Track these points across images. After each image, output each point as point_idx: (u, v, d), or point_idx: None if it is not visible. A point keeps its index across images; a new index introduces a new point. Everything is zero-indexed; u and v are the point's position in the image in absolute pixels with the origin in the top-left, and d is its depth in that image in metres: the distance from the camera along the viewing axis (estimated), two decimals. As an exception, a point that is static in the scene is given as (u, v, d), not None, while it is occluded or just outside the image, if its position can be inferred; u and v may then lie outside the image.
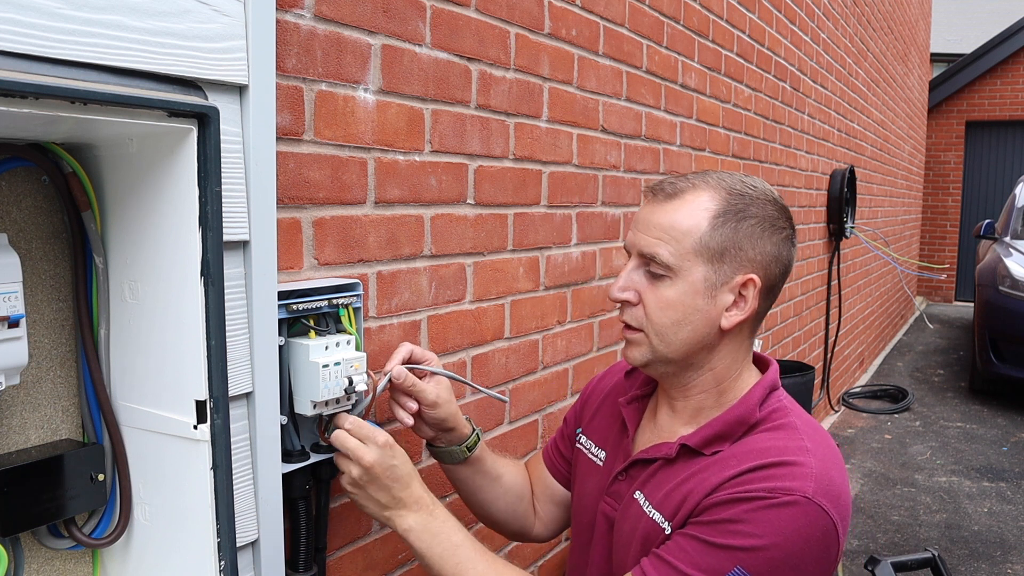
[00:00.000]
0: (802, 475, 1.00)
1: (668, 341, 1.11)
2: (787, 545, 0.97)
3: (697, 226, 1.07)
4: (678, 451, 1.12)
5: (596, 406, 1.36)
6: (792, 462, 1.02)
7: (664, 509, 1.09)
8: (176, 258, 0.98)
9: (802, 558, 0.98)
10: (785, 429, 1.09)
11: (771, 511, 0.98)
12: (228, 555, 1.01)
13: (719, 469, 1.06)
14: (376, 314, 1.41)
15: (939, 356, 7.84)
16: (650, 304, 1.10)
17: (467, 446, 1.33)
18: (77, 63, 0.84)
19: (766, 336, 3.75)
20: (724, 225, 1.08)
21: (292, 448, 1.19)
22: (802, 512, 0.98)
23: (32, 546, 1.01)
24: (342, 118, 1.32)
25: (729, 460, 1.06)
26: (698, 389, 1.16)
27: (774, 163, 3.71)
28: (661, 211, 1.10)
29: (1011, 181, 10.53)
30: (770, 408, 1.12)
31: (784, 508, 0.98)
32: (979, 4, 13.65)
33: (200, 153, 0.95)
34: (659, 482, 1.13)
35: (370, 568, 1.45)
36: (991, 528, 3.84)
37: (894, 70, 7.26)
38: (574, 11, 1.96)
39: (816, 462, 1.03)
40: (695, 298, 1.08)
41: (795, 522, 0.98)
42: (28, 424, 0.99)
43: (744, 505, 1.00)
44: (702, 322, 1.09)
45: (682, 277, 1.08)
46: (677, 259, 1.07)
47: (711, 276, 1.08)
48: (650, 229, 1.10)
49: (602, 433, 1.31)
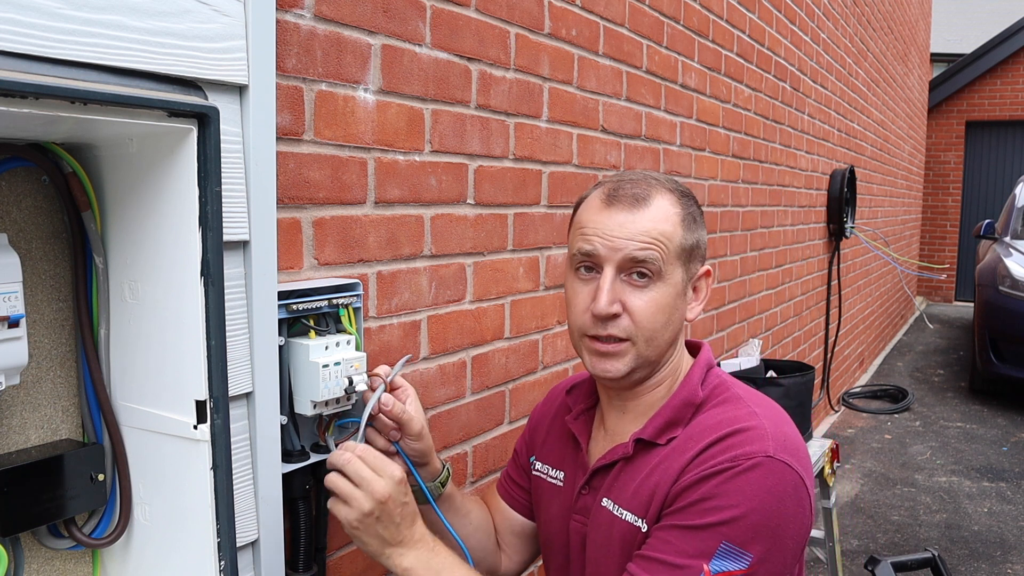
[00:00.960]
0: (758, 437, 1.04)
1: (656, 344, 1.12)
2: (763, 507, 0.99)
3: (675, 230, 1.11)
4: (634, 447, 1.14)
5: (545, 430, 1.35)
6: (745, 428, 1.05)
7: (634, 507, 1.10)
8: (176, 258, 0.98)
9: (780, 515, 1.00)
10: (730, 401, 1.12)
11: (739, 478, 1.01)
12: (228, 555, 1.01)
13: (679, 454, 1.08)
14: (376, 314, 1.41)
15: (939, 356, 7.84)
16: (638, 311, 1.09)
17: (440, 482, 1.26)
18: (77, 63, 0.84)
19: (766, 336, 3.75)
20: (690, 228, 1.13)
21: (292, 448, 1.19)
22: (768, 471, 1.01)
23: (32, 546, 1.01)
24: (342, 118, 1.32)
25: (686, 443, 1.09)
26: (655, 384, 1.18)
27: (774, 163, 3.71)
28: (641, 219, 1.09)
29: (1011, 181, 10.53)
30: (711, 386, 1.16)
31: (750, 472, 1.01)
32: (979, 4, 13.65)
33: (200, 153, 0.95)
34: (623, 483, 1.13)
35: (370, 568, 1.45)
36: (991, 528, 3.84)
37: (894, 70, 7.26)
38: (574, 11, 1.96)
39: (768, 423, 1.06)
40: (676, 299, 1.12)
41: (764, 482, 1.00)
42: (28, 424, 0.99)
43: (711, 481, 1.02)
44: (678, 319, 1.14)
45: (667, 280, 1.10)
46: (665, 264, 1.10)
47: (684, 276, 1.13)
48: (636, 236, 1.09)
49: (556, 454, 1.30)
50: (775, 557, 1.00)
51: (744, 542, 0.98)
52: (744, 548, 0.98)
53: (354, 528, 1.03)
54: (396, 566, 1.05)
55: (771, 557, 0.99)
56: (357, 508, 1.01)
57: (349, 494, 1.02)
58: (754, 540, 0.98)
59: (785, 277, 4.03)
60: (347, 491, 1.02)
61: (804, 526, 1.03)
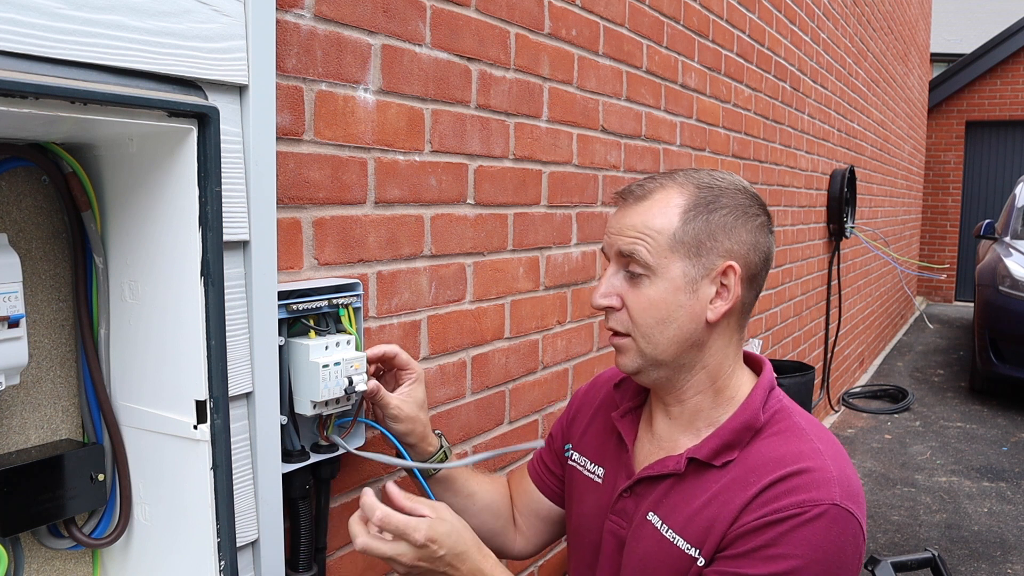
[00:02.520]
0: (824, 481, 1.00)
1: (655, 342, 1.09)
2: (824, 558, 0.97)
3: (669, 223, 1.07)
4: (687, 465, 1.09)
5: (586, 421, 1.32)
6: (810, 468, 1.01)
7: (689, 535, 1.06)
8: (176, 258, 0.98)
9: (840, 565, 0.98)
10: (792, 432, 1.08)
11: (803, 529, 0.98)
12: (228, 555, 1.01)
13: (739, 487, 1.04)
14: (376, 314, 1.41)
15: (939, 356, 7.84)
16: (633, 306, 1.09)
17: (437, 460, 1.28)
18: (77, 63, 0.84)
19: (766, 336, 3.75)
20: (696, 218, 1.07)
21: (292, 448, 1.19)
22: (832, 521, 0.98)
23: (32, 546, 1.01)
24: (342, 118, 1.32)
25: (747, 477, 1.04)
26: (693, 391, 1.13)
27: (774, 163, 3.71)
28: (633, 213, 1.10)
29: (1011, 181, 10.53)
30: (772, 410, 1.11)
31: (815, 522, 0.98)
32: (979, 4, 13.66)
33: (200, 153, 0.95)
34: (674, 503, 1.09)
35: (370, 568, 1.45)
36: (991, 528, 3.84)
37: (894, 70, 7.26)
38: (574, 11, 1.96)
39: (832, 464, 1.02)
40: (676, 295, 1.07)
41: (828, 533, 0.98)
42: (28, 424, 0.99)
43: (775, 528, 0.98)
44: (687, 318, 1.08)
45: (661, 275, 1.07)
46: (655, 257, 1.07)
47: (690, 270, 1.07)
48: (625, 231, 1.10)
49: (597, 449, 1.27)
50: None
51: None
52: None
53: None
54: None
55: None
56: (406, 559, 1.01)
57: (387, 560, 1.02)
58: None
59: (785, 277, 4.03)
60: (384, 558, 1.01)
61: (857, 571, 1.02)
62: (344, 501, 1.37)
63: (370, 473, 1.43)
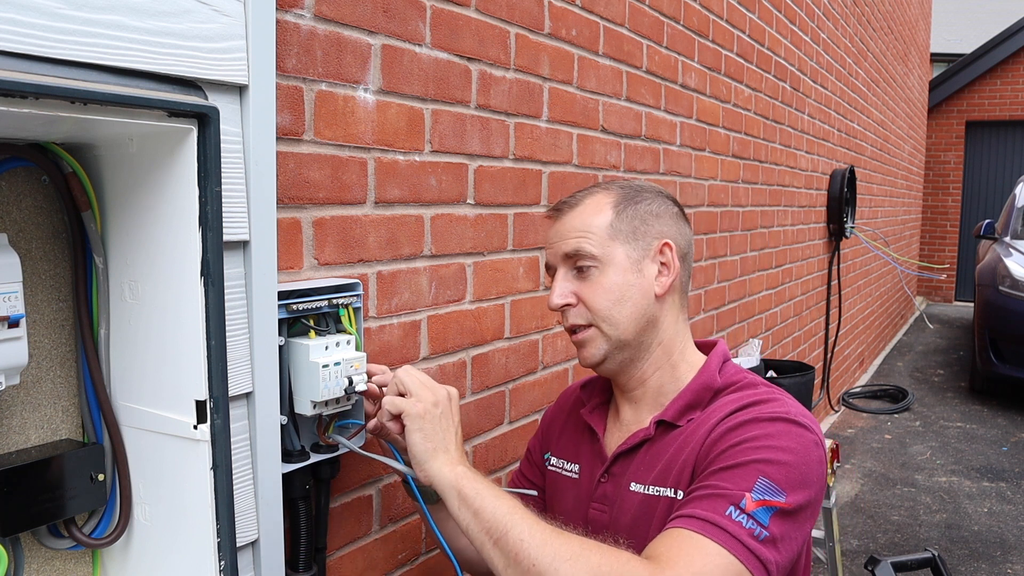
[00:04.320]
0: (780, 404, 1.10)
1: (615, 322, 1.18)
2: (794, 455, 1.03)
3: (605, 217, 1.20)
4: (656, 429, 1.18)
5: (560, 427, 1.38)
6: (767, 399, 1.12)
7: (667, 482, 1.13)
8: (176, 258, 0.98)
9: (808, 467, 1.04)
10: (749, 386, 1.17)
11: (767, 425, 1.06)
12: (228, 555, 1.01)
13: (701, 425, 1.13)
14: (376, 314, 1.41)
15: (939, 356, 7.84)
16: (588, 297, 1.19)
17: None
18: (77, 63, 0.84)
19: (766, 336, 3.75)
20: (626, 209, 1.20)
21: (292, 448, 1.19)
22: (792, 427, 1.06)
23: (32, 546, 1.01)
24: (342, 118, 1.32)
25: (709, 418, 1.13)
26: (653, 367, 1.22)
27: (774, 163, 3.71)
28: (569, 219, 1.22)
29: (1011, 181, 10.53)
30: (729, 374, 1.21)
31: (776, 423, 1.06)
32: (979, 4, 13.65)
33: (200, 153, 0.95)
34: (649, 463, 1.17)
35: (370, 568, 1.45)
36: (991, 528, 3.83)
37: (894, 70, 7.26)
38: (574, 11, 1.96)
39: (785, 398, 1.13)
40: (625, 275, 1.18)
41: (790, 435, 1.05)
42: (28, 424, 0.99)
43: (739, 430, 1.07)
44: (639, 294, 1.19)
45: (607, 262, 1.18)
46: (599, 247, 1.18)
47: (632, 253, 1.19)
48: (565, 235, 1.21)
49: (572, 448, 1.32)
50: (809, 505, 1.03)
51: (780, 482, 1.01)
52: (780, 487, 1.00)
53: (421, 416, 1.07)
54: (449, 471, 1.06)
55: (805, 503, 1.02)
56: (426, 399, 1.09)
57: (417, 390, 1.10)
58: (789, 483, 1.01)
59: (785, 277, 4.03)
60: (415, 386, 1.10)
61: (823, 487, 1.07)
62: (344, 501, 1.37)
63: (370, 473, 1.43)
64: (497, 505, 1.01)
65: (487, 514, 1.00)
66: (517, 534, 0.97)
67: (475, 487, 1.03)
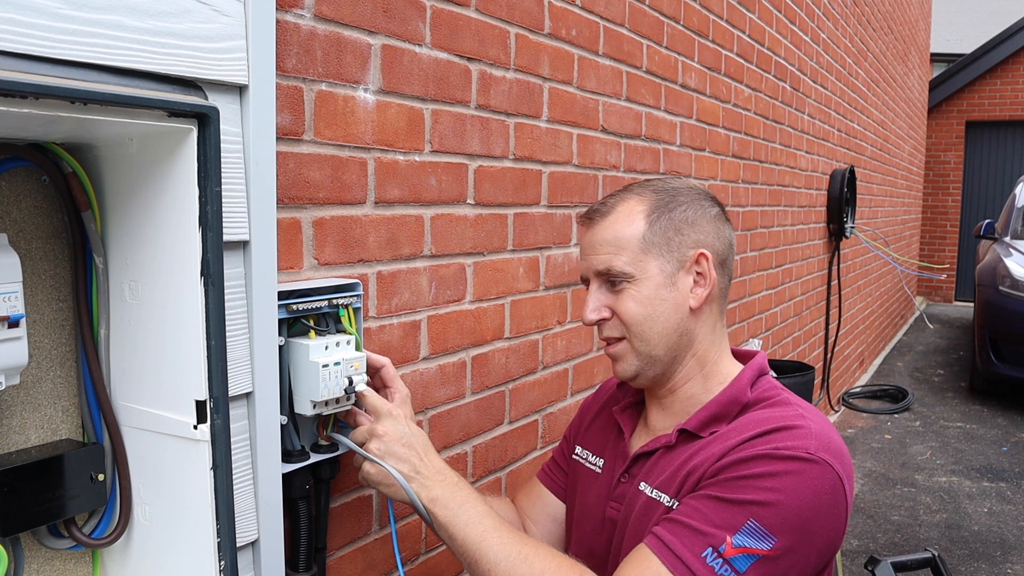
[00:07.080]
0: (802, 435, 1.04)
1: (647, 338, 1.16)
2: (798, 500, 0.99)
3: (637, 229, 1.16)
4: (677, 437, 1.16)
5: (591, 418, 1.40)
6: (791, 426, 1.06)
7: (668, 489, 1.12)
8: (176, 258, 0.98)
9: (814, 511, 1.00)
10: (780, 405, 1.13)
11: (779, 463, 1.01)
12: (228, 555, 1.01)
13: (720, 442, 1.09)
14: (376, 314, 1.41)
15: (939, 356, 7.84)
16: (622, 311, 1.17)
17: None
18: (77, 63, 0.84)
19: (766, 336, 3.75)
20: (660, 219, 1.17)
21: (292, 448, 1.19)
22: (807, 467, 1.01)
23: (32, 546, 1.01)
24: (342, 118, 1.32)
25: (729, 434, 1.10)
26: (684, 378, 1.20)
27: (774, 163, 3.71)
28: (600, 230, 1.19)
29: (1011, 181, 10.53)
30: (761, 389, 1.17)
31: (790, 462, 1.01)
32: (979, 4, 13.65)
33: (200, 153, 0.95)
34: (661, 468, 1.16)
35: (370, 568, 1.45)
36: (991, 528, 3.83)
37: (894, 70, 7.26)
38: (574, 11, 1.96)
39: (815, 425, 1.07)
40: (659, 291, 1.15)
41: (803, 476, 1.01)
42: (28, 424, 0.99)
43: (751, 464, 1.03)
44: (672, 310, 1.16)
45: (640, 278, 1.15)
46: (631, 264, 1.15)
47: (666, 266, 1.16)
48: (597, 249, 1.18)
49: (598, 442, 1.34)
50: (801, 551, 1.00)
51: (772, 527, 0.98)
52: (771, 532, 0.98)
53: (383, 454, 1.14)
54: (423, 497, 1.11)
55: (797, 549, 0.99)
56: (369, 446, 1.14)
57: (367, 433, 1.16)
58: (782, 528, 0.98)
59: (785, 277, 4.03)
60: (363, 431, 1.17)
61: (838, 527, 1.03)
62: (344, 501, 1.37)
63: (370, 473, 1.43)
64: (467, 533, 1.08)
65: (459, 542, 1.08)
66: (486, 564, 1.05)
67: (447, 514, 1.10)
